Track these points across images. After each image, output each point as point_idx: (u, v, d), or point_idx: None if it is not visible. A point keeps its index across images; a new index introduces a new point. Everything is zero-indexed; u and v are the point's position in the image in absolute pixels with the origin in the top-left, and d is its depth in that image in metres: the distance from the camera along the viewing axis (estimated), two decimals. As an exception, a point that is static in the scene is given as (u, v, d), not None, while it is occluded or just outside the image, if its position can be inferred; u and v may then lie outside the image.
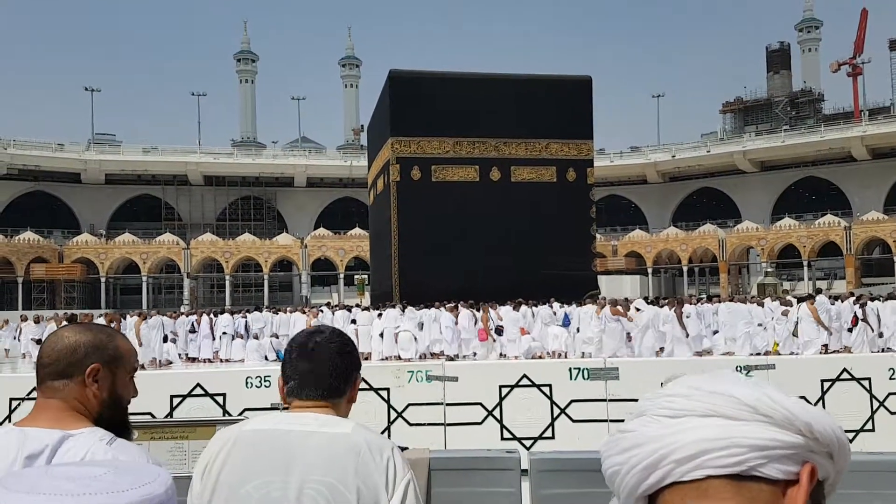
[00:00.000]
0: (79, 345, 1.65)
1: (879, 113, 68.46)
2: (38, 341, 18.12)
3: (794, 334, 16.17)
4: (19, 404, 7.52)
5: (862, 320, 16.62)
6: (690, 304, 18.90)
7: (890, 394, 7.86)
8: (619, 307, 17.50)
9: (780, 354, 15.26)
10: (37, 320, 20.21)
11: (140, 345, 17.87)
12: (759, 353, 15.40)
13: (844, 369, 7.95)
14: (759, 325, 16.78)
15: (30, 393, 7.65)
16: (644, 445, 0.87)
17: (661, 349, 17.00)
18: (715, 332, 18.22)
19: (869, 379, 7.88)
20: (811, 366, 8.54)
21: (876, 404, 7.85)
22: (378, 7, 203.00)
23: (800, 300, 17.56)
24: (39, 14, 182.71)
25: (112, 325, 17.87)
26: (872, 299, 17.99)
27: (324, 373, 1.79)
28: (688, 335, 16.79)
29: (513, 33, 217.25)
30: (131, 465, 1.24)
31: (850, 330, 16.74)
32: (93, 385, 1.63)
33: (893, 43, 76.56)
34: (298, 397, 1.79)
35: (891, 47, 77.06)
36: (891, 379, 7.91)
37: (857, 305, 17.40)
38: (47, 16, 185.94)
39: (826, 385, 7.85)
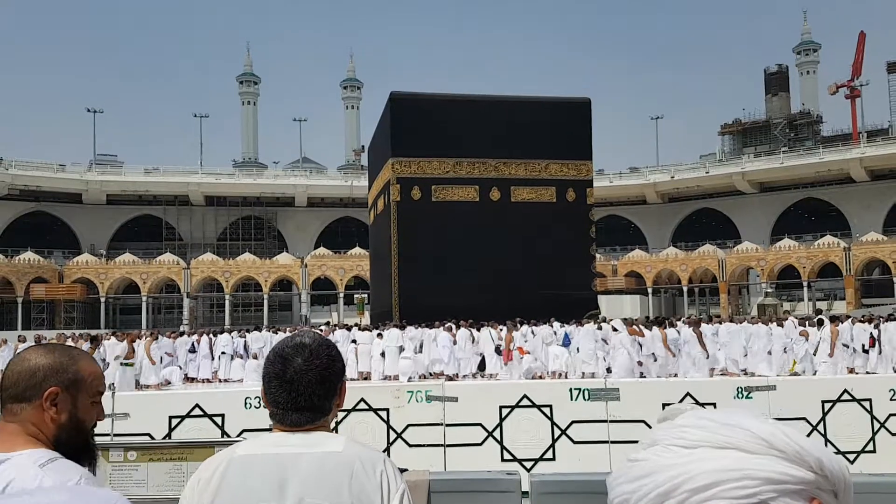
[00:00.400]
0: (38, 368, 1.62)
1: (878, 135, 68.77)
2: None
3: (815, 354, 16.26)
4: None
5: (878, 341, 16.69)
6: (709, 324, 18.93)
7: (891, 415, 7.84)
8: (636, 327, 17.51)
9: (797, 375, 15.25)
10: (37, 340, 19.98)
11: (153, 364, 17.84)
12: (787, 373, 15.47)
13: (845, 390, 7.92)
14: (783, 346, 16.88)
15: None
16: (657, 474, 0.88)
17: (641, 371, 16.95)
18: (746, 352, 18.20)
19: (870, 400, 7.85)
20: (812, 387, 8.51)
21: (877, 425, 7.82)
22: (379, 30, 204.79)
23: (821, 322, 17.60)
24: (42, 35, 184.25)
25: (85, 345, 17.90)
26: (889, 319, 17.98)
27: (307, 404, 1.71)
28: (708, 356, 16.75)
29: (513, 56, 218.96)
30: (79, 491, 1.23)
31: (866, 351, 16.75)
32: (50, 409, 1.60)
33: (891, 65, 77.11)
34: (283, 424, 1.73)
35: (889, 70, 77.59)
36: (891, 400, 7.89)
37: (872, 326, 17.43)
38: (50, 37, 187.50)
39: (827, 406, 7.82)
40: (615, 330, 17.41)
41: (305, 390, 1.71)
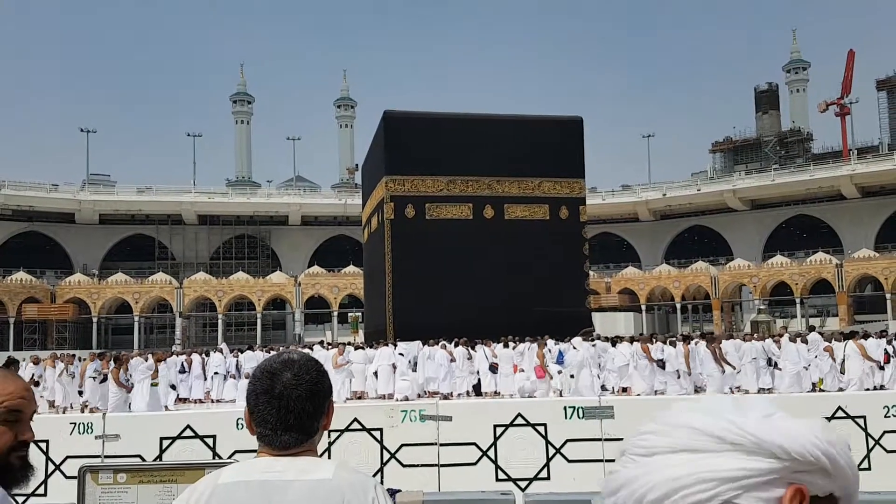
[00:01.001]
0: None
1: (868, 152, 69.36)
2: (37, 383, 17.81)
3: (842, 371, 16.28)
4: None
5: (894, 357, 16.74)
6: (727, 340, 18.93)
7: (885, 432, 7.83)
8: (649, 344, 17.59)
9: (824, 391, 15.25)
10: (35, 361, 19.70)
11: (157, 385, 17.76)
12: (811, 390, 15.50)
13: (839, 407, 7.92)
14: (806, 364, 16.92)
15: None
16: (624, 487, 0.84)
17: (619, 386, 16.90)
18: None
19: (864, 417, 7.84)
20: (805, 404, 8.51)
21: (871, 443, 7.81)
22: (373, 50, 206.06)
23: (846, 336, 17.67)
24: (36, 55, 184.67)
25: (110, 365, 17.78)
26: None
27: (296, 423, 1.65)
28: (724, 372, 16.76)
29: (506, 75, 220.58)
30: None
31: (881, 367, 16.79)
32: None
33: (881, 83, 77.98)
34: (271, 446, 1.66)
35: (878, 87, 78.46)
36: (886, 417, 7.88)
37: (886, 342, 17.48)
38: (43, 57, 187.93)
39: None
40: (575, 348, 17.64)
41: (295, 406, 1.65)
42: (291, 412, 1.65)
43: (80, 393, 18.11)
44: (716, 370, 16.69)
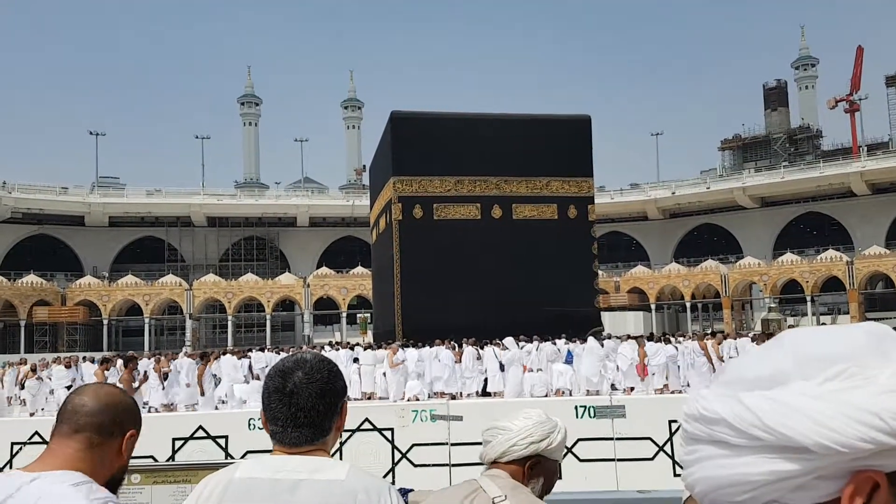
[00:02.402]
0: (122, 405, 1.66)
1: (878, 148, 68.93)
2: (69, 386, 17.81)
3: None
4: (20, 448, 7.45)
5: None
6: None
7: None
8: (706, 341, 17.55)
9: None
10: (67, 364, 19.50)
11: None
12: None
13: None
14: None
15: (31, 437, 7.59)
16: (683, 471, 0.77)
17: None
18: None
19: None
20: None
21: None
22: (379, 51, 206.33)
23: None
24: (44, 59, 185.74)
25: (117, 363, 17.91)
26: None
27: (307, 420, 1.66)
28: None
29: (513, 74, 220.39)
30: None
31: None
32: (125, 451, 1.64)
33: (890, 79, 77.43)
34: (283, 444, 1.67)
35: (888, 83, 77.90)
36: None
37: None
38: (52, 61, 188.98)
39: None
40: (505, 348, 17.87)
41: (306, 404, 1.66)
42: (302, 410, 1.66)
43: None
44: None
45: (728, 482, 0.71)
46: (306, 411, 1.66)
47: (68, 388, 17.50)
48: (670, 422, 7.44)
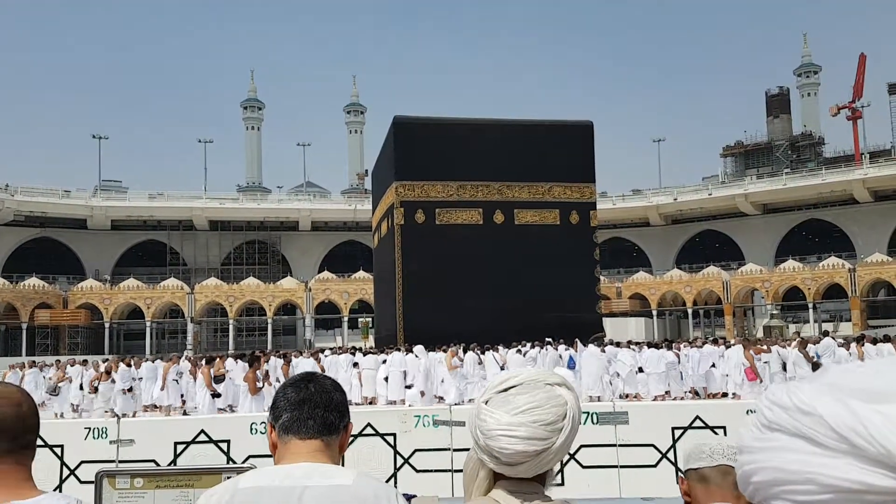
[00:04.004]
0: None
1: (880, 156, 68.87)
2: (96, 389, 17.81)
3: None
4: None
5: None
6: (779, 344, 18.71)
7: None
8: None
9: None
10: (98, 367, 19.36)
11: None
12: None
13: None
14: None
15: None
16: (741, 455, 0.76)
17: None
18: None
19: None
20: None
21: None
22: (382, 56, 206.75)
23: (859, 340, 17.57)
24: (47, 62, 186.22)
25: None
26: None
27: (321, 403, 1.71)
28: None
29: (515, 79, 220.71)
30: None
31: None
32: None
33: (892, 87, 77.42)
34: (295, 433, 1.69)
35: (890, 91, 77.89)
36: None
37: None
38: (55, 64, 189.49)
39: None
40: (417, 357, 17.94)
41: (323, 391, 1.75)
42: (319, 393, 1.74)
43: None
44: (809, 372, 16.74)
45: (804, 479, 0.68)
46: (321, 393, 1.74)
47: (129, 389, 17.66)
48: (673, 429, 7.42)
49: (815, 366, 16.81)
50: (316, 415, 1.70)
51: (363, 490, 1.60)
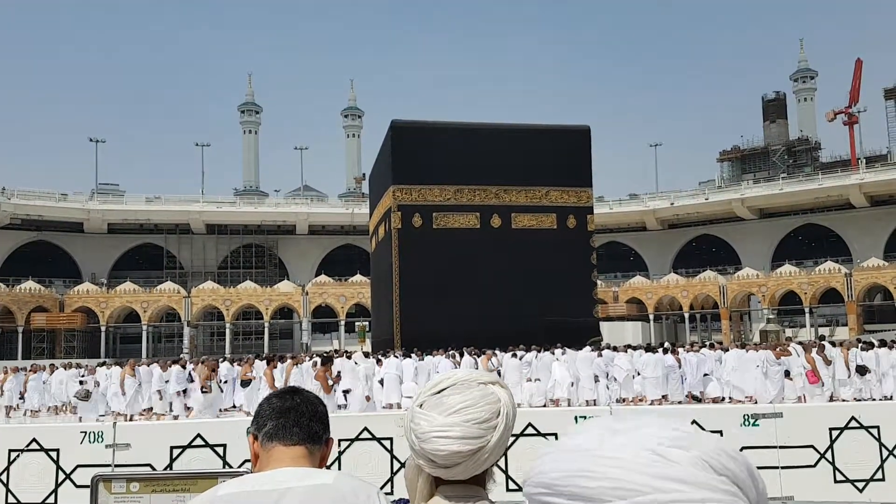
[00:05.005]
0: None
1: (877, 161, 69.06)
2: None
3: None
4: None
5: None
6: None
7: (899, 442, 7.75)
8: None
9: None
10: (130, 367, 19.20)
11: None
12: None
13: (853, 417, 7.85)
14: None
15: (29, 444, 7.55)
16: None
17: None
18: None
19: (878, 427, 7.77)
20: (819, 414, 8.44)
21: (885, 453, 7.74)
22: (380, 60, 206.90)
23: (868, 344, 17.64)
24: (44, 65, 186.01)
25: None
26: None
27: (307, 412, 1.74)
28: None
29: (513, 84, 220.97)
30: None
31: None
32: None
33: (889, 92, 77.66)
34: (280, 440, 1.69)
35: (886, 96, 78.13)
36: (900, 427, 7.81)
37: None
38: (52, 67, 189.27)
39: (835, 434, 7.75)
40: (357, 364, 18.12)
41: (307, 402, 1.78)
42: (304, 403, 1.77)
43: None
44: (845, 374, 16.73)
45: None
46: (305, 403, 1.77)
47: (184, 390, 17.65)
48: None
49: (862, 369, 16.89)
50: (301, 423, 1.72)
51: (344, 487, 1.59)
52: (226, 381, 19.27)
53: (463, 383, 1.48)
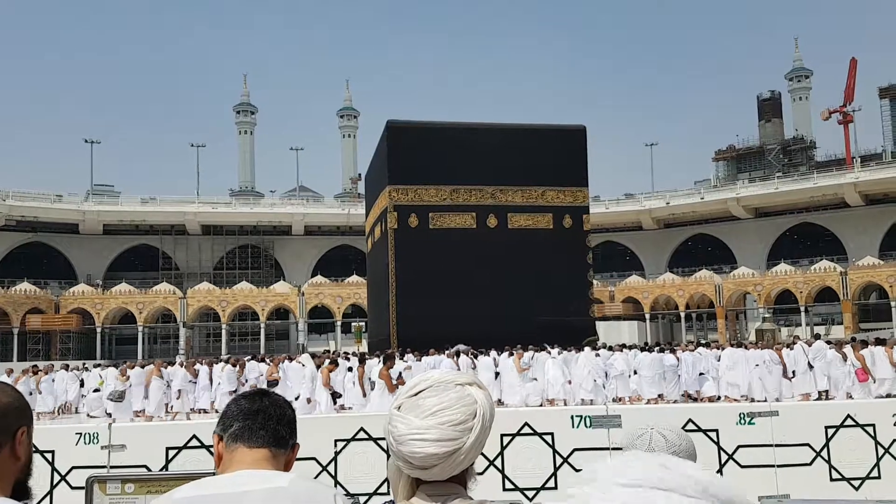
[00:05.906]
0: (7, 407, 1.51)
1: (871, 159, 69.28)
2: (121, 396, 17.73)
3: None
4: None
5: None
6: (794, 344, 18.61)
7: (895, 440, 7.78)
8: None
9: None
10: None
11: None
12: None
13: (848, 415, 7.87)
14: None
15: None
16: None
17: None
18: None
19: (873, 425, 7.79)
20: (814, 412, 8.46)
21: (881, 451, 7.76)
22: (376, 60, 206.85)
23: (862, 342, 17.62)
24: (40, 66, 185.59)
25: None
26: None
27: (275, 415, 1.71)
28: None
29: (509, 84, 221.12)
30: None
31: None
32: (19, 450, 1.51)
33: (883, 91, 78.01)
34: (244, 441, 1.66)
35: (881, 95, 78.49)
36: (895, 425, 7.83)
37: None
38: (48, 68, 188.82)
39: (830, 432, 7.77)
40: (303, 365, 17.86)
41: (275, 405, 1.74)
42: (271, 406, 1.73)
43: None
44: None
45: None
46: (273, 406, 1.73)
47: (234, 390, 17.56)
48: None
49: None
50: (268, 426, 1.69)
51: (299, 490, 1.57)
52: (246, 381, 19.05)
53: (440, 384, 1.48)
